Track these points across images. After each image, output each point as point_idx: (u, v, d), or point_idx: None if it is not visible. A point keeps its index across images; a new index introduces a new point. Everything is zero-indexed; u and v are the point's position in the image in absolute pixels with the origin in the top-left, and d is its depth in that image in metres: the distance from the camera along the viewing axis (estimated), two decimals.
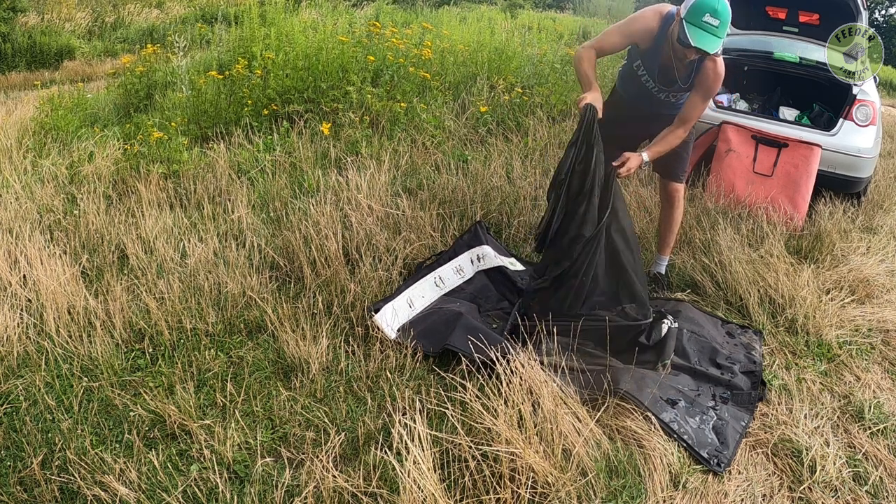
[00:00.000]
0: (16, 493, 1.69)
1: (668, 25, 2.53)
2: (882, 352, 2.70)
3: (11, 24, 10.38)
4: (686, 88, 2.67)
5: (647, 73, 2.69)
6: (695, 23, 2.32)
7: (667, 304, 2.86)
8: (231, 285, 2.56)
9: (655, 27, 2.54)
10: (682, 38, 2.36)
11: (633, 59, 2.74)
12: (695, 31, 2.33)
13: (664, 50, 2.58)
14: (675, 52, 2.51)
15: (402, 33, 6.08)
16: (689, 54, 2.46)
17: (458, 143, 4.63)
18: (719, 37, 2.33)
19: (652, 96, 2.76)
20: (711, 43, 2.33)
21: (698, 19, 2.32)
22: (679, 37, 2.39)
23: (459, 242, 3.08)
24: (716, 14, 2.30)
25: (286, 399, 2.07)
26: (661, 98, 2.75)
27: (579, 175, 2.43)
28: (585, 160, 2.42)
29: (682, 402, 2.22)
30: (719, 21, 2.31)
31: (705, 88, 2.57)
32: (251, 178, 3.77)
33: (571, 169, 2.42)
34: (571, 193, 2.44)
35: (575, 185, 2.44)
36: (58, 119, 4.55)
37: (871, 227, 3.98)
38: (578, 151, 2.42)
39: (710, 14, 2.30)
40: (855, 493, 1.93)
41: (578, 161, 2.42)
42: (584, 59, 2.58)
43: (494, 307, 2.72)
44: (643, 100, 2.80)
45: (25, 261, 2.62)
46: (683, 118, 2.64)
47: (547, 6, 22.41)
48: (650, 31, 2.56)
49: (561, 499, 1.72)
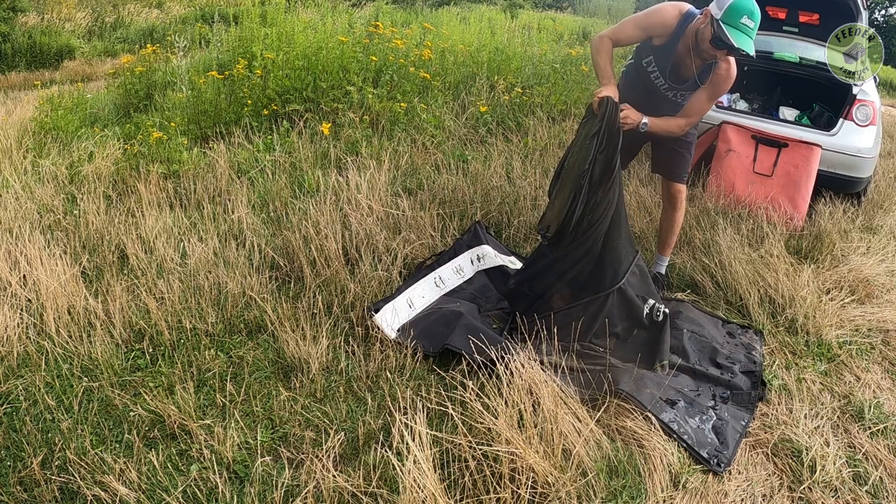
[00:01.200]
0: (16, 493, 1.69)
1: (687, 24, 2.52)
2: (882, 352, 2.70)
3: (11, 24, 10.38)
4: (694, 88, 2.66)
5: (658, 69, 2.67)
6: (734, 24, 2.32)
7: (667, 303, 2.86)
8: (231, 285, 2.56)
9: (673, 24, 2.53)
10: (720, 40, 2.35)
11: (642, 55, 2.72)
12: (734, 33, 2.32)
13: (679, 48, 2.57)
14: (701, 52, 2.49)
15: (402, 33, 6.08)
16: (718, 55, 2.45)
17: (458, 143, 4.63)
18: (752, 38, 2.37)
19: (659, 94, 2.74)
20: (749, 44, 2.34)
21: (737, 21, 2.32)
22: (714, 38, 2.37)
23: (459, 242, 3.08)
24: (752, 16, 2.33)
25: (286, 399, 2.07)
26: (669, 96, 2.74)
27: (602, 163, 2.41)
28: (608, 149, 2.41)
29: (681, 402, 2.22)
30: (754, 23, 2.34)
31: (715, 87, 2.59)
32: (251, 178, 3.77)
33: (594, 158, 2.40)
34: (594, 182, 2.42)
35: (597, 173, 2.42)
36: (58, 119, 4.55)
37: (871, 227, 3.98)
38: (601, 140, 2.40)
39: (747, 16, 2.32)
40: (855, 493, 1.93)
41: (601, 150, 2.40)
42: (601, 50, 2.55)
43: (495, 307, 2.72)
44: (647, 98, 2.79)
45: (25, 261, 2.62)
46: (687, 112, 2.66)
47: (547, 6, 22.41)
48: (667, 28, 2.54)
49: (561, 499, 1.72)
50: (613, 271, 2.47)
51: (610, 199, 2.45)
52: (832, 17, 4.59)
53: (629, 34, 2.60)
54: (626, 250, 2.53)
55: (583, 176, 2.41)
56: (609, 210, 2.45)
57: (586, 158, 2.42)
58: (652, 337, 2.47)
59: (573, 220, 2.43)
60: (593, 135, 2.43)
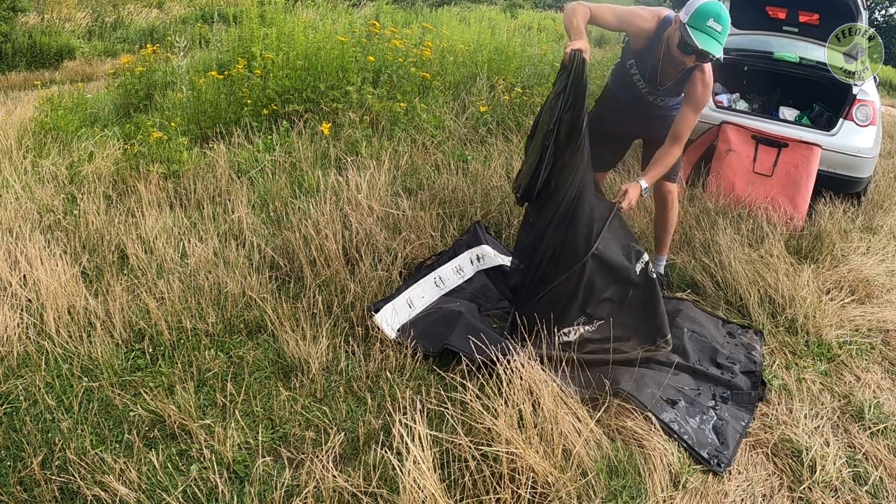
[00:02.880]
0: (16, 493, 1.69)
1: (665, 29, 2.54)
2: (882, 352, 2.70)
3: (11, 24, 10.37)
4: (674, 94, 2.67)
5: (639, 73, 2.70)
6: (699, 27, 2.35)
7: (668, 303, 2.86)
8: (231, 285, 2.56)
9: (651, 28, 2.55)
10: (685, 42, 2.38)
11: (626, 57, 2.74)
12: (699, 35, 2.35)
13: (657, 53, 2.58)
14: (672, 58, 2.52)
15: (401, 33, 6.08)
16: (687, 61, 2.47)
17: (458, 143, 4.63)
18: (720, 42, 2.37)
19: (643, 98, 2.77)
20: (715, 47, 2.36)
21: (702, 24, 2.34)
22: (681, 42, 2.40)
23: (459, 242, 3.08)
24: (719, 20, 2.34)
25: (286, 399, 2.07)
26: (651, 100, 2.76)
27: (567, 124, 2.32)
28: (574, 108, 2.31)
29: (682, 401, 2.22)
30: (721, 27, 2.34)
31: (695, 101, 2.58)
32: (251, 178, 3.77)
33: (559, 118, 2.32)
34: (559, 143, 2.34)
35: (563, 134, 2.33)
36: (58, 119, 4.55)
37: (871, 227, 3.98)
38: (567, 99, 2.31)
39: (713, 19, 2.34)
40: (855, 493, 1.93)
41: (566, 109, 2.31)
42: (577, 12, 2.48)
43: (495, 306, 2.72)
44: (635, 99, 2.80)
45: (25, 261, 2.62)
46: (675, 135, 2.63)
47: (547, 6, 22.42)
48: (645, 32, 2.56)
49: (561, 499, 1.72)
50: (585, 238, 2.39)
51: (577, 163, 2.36)
52: (832, 17, 4.59)
53: (606, 18, 2.56)
54: (598, 212, 2.45)
55: (548, 136, 2.33)
56: (576, 176, 2.37)
57: (552, 118, 2.34)
58: (646, 297, 2.45)
59: (539, 181, 2.36)
60: (559, 92, 2.34)
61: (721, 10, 2.34)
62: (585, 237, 2.40)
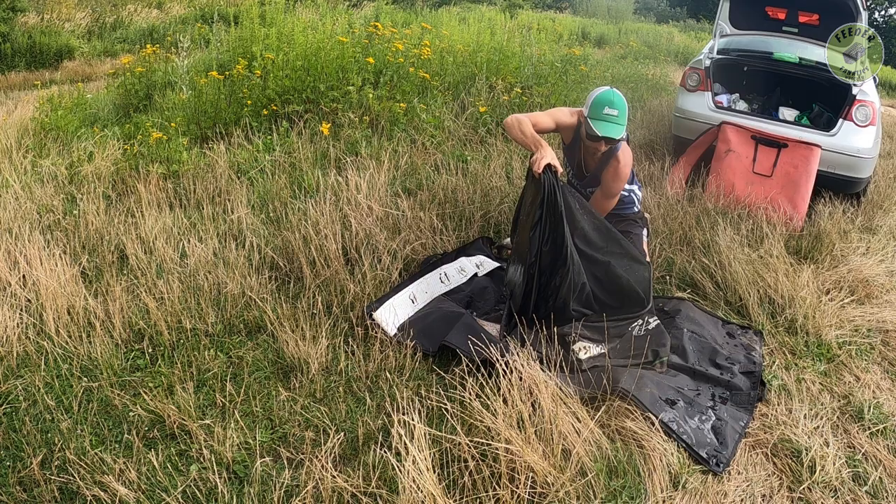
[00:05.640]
0: (15, 493, 1.69)
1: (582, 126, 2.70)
2: (882, 352, 2.70)
3: (11, 24, 10.37)
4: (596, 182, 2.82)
5: (568, 165, 2.95)
6: (598, 116, 2.54)
7: (668, 302, 2.86)
8: (231, 285, 2.56)
9: (573, 123, 2.77)
10: (589, 133, 2.57)
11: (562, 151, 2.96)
12: (598, 124, 2.54)
13: (580, 145, 2.79)
14: (587, 148, 2.73)
15: (401, 33, 6.08)
16: (599, 147, 2.63)
17: (457, 143, 4.63)
18: (621, 124, 2.56)
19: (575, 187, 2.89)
20: (615, 130, 2.54)
21: (599, 113, 2.54)
22: (587, 133, 2.59)
23: (461, 249, 3.09)
24: (612, 105, 2.54)
25: (286, 399, 2.07)
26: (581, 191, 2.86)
27: (549, 254, 2.40)
28: (553, 239, 2.38)
29: (681, 402, 2.22)
30: (617, 111, 2.54)
31: (607, 186, 2.76)
32: (251, 179, 3.77)
33: (539, 251, 2.40)
34: (543, 268, 2.42)
35: (546, 263, 2.42)
36: (57, 119, 4.55)
37: (870, 228, 3.98)
38: (544, 230, 2.38)
39: (608, 106, 2.54)
40: (854, 493, 1.93)
41: (545, 241, 2.39)
42: (523, 122, 2.59)
43: (492, 309, 2.71)
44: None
45: (25, 261, 2.62)
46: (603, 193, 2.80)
47: (546, 6, 22.41)
48: (569, 126, 2.79)
49: (560, 499, 1.72)
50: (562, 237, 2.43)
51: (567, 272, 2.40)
52: (832, 17, 4.59)
53: (544, 121, 2.74)
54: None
55: (532, 266, 2.41)
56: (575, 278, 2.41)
57: (531, 250, 2.40)
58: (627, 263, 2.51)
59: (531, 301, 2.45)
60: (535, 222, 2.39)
61: (613, 97, 2.54)
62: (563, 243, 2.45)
